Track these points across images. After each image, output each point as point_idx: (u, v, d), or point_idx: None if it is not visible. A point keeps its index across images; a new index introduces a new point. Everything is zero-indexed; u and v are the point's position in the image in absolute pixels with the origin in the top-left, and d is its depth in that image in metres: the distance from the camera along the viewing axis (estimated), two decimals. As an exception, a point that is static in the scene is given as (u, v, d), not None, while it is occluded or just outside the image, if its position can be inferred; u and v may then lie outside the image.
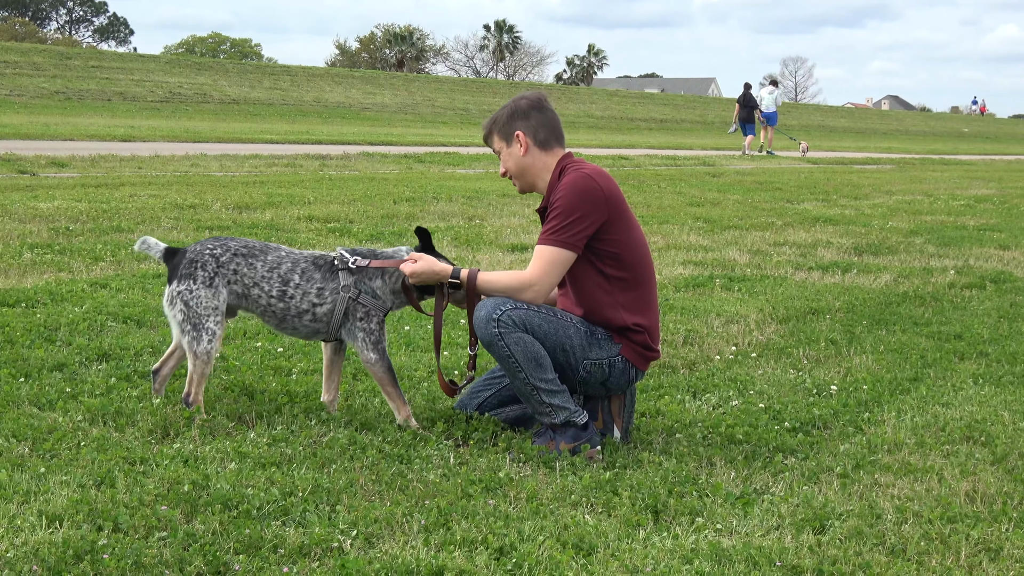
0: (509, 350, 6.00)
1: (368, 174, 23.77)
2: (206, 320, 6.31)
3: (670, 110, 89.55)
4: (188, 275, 6.32)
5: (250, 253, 6.42)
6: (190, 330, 6.31)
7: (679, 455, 6.15)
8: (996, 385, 8.01)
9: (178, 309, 6.32)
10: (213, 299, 6.32)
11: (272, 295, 6.37)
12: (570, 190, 6.09)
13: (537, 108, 6.35)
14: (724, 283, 11.88)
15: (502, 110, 6.40)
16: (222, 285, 6.35)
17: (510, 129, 6.32)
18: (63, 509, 4.87)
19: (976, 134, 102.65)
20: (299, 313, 6.39)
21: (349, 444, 5.94)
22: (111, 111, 51.05)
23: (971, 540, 5.08)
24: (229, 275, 6.37)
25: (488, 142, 6.47)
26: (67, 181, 18.63)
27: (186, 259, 6.36)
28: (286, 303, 6.37)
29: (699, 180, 27.23)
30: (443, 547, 4.78)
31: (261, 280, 6.37)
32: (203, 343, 6.32)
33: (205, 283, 6.32)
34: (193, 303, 6.29)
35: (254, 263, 6.40)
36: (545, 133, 6.32)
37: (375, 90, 74.69)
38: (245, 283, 6.38)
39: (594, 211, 6.08)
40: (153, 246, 6.47)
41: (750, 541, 4.97)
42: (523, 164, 6.33)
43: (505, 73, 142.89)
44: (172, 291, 6.35)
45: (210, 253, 6.37)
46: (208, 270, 6.33)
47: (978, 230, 18.72)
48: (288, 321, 6.44)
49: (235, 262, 6.38)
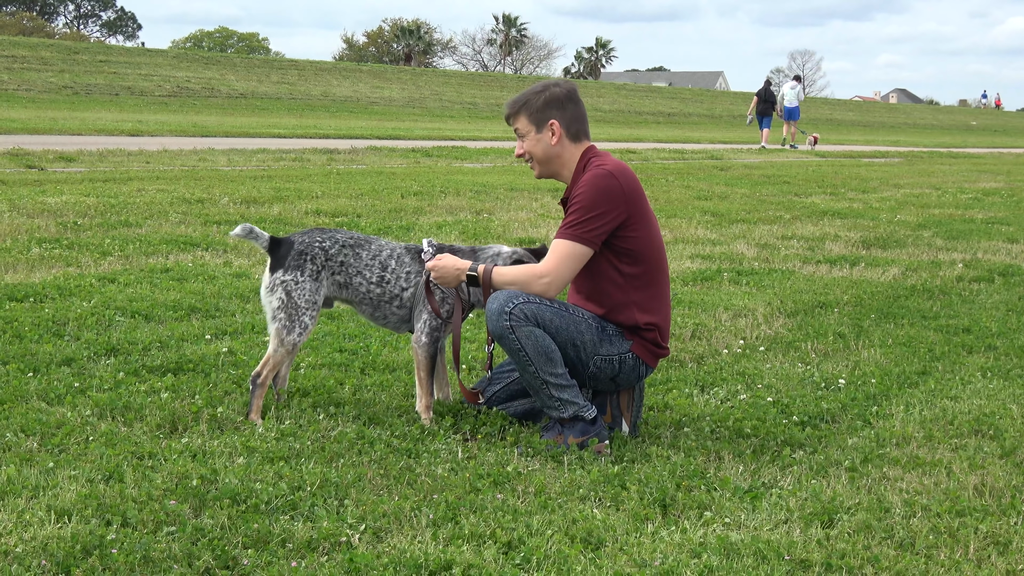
0: (520, 343, 6.00)
1: (376, 168, 23.77)
2: (303, 313, 6.38)
3: (678, 104, 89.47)
4: (296, 266, 6.39)
5: (356, 244, 6.53)
6: (284, 319, 6.38)
7: (687, 449, 6.15)
8: (1004, 378, 8.00)
9: (277, 296, 6.39)
10: (315, 293, 6.41)
11: (372, 281, 6.47)
12: (591, 187, 6.10)
13: (573, 100, 6.35)
14: (732, 277, 11.87)
15: (534, 94, 6.35)
16: (326, 278, 6.44)
17: (544, 116, 6.29)
18: (72, 504, 4.87)
19: (984, 127, 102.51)
20: (391, 298, 6.49)
21: (357, 438, 5.95)
22: (119, 106, 51.07)
23: (980, 534, 5.08)
24: (335, 267, 6.47)
25: (511, 122, 6.42)
26: (75, 176, 18.64)
27: (295, 250, 6.42)
28: (383, 288, 6.48)
29: (707, 174, 27.22)
30: (451, 541, 4.78)
31: (364, 268, 6.48)
32: (294, 334, 6.39)
33: (312, 276, 6.41)
34: (296, 294, 6.36)
35: (360, 253, 6.50)
36: (577, 126, 6.33)
37: (383, 84, 74.71)
38: (349, 272, 6.48)
39: (613, 209, 6.08)
40: (259, 235, 6.47)
41: (758, 535, 4.97)
42: (552, 153, 6.33)
43: (513, 67, 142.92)
44: (276, 279, 6.40)
45: (320, 246, 6.45)
46: (317, 263, 6.42)
47: (986, 223, 18.69)
48: (382, 307, 6.54)
49: (343, 253, 6.48)
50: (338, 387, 6.99)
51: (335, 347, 7.96)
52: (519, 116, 6.35)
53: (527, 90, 6.42)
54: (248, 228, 6.47)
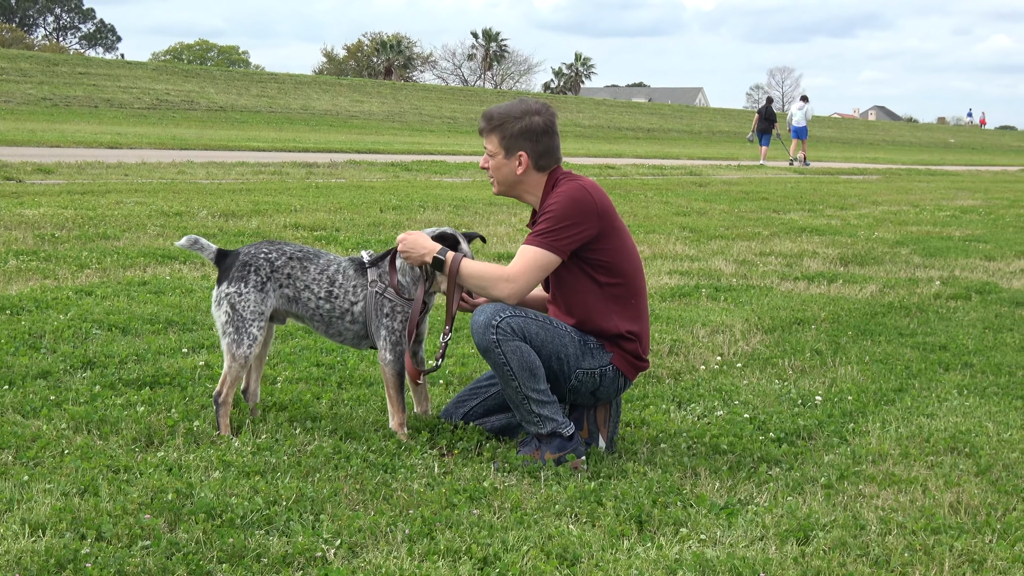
0: (505, 358, 5.99)
1: (355, 182, 23.75)
2: (250, 325, 6.32)
3: (657, 119, 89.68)
4: (240, 278, 6.33)
5: (304, 257, 6.46)
6: (232, 332, 6.32)
7: (664, 465, 6.15)
8: (981, 396, 8.02)
9: (223, 310, 6.34)
10: (260, 304, 6.35)
11: (320, 296, 6.40)
12: (565, 198, 6.09)
13: (548, 133, 6.28)
14: (710, 293, 11.89)
15: (512, 119, 6.26)
16: (272, 290, 6.39)
17: (515, 145, 6.25)
18: (46, 517, 4.85)
19: (962, 145, 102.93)
20: (342, 313, 6.42)
21: (333, 453, 5.94)
22: (98, 118, 50.98)
23: (955, 551, 5.09)
24: (282, 279, 6.40)
25: (483, 135, 6.38)
26: (53, 188, 18.59)
27: (239, 261, 6.38)
28: (332, 303, 6.41)
29: (685, 190, 27.27)
30: (427, 557, 4.78)
31: (312, 283, 6.41)
32: (243, 347, 6.33)
33: (257, 287, 6.34)
34: (240, 306, 6.31)
35: (307, 266, 6.43)
36: (546, 160, 6.30)
37: (362, 98, 74.71)
38: (297, 286, 6.42)
39: (585, 221, 6.08)
40: (205, 246, 6.45)
41: (734, 551, 4.97)
42: (513, 180, 6.32)
43: (493, 82, 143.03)
44: (221, 292, 6.36)
45: (265, 257, 6.40)
46: (262, 274, 6.36)
47: (964, 241, 18.76)
48: (334, 324, 6.47)
49: (290, 266, 6.41)
50: (315, 401, 6.98)
51: (312, 361, 7.95)
52: (492, 135, 6.31)
53: (507, 107, 6.34)
54: (193, 239, 6.45)
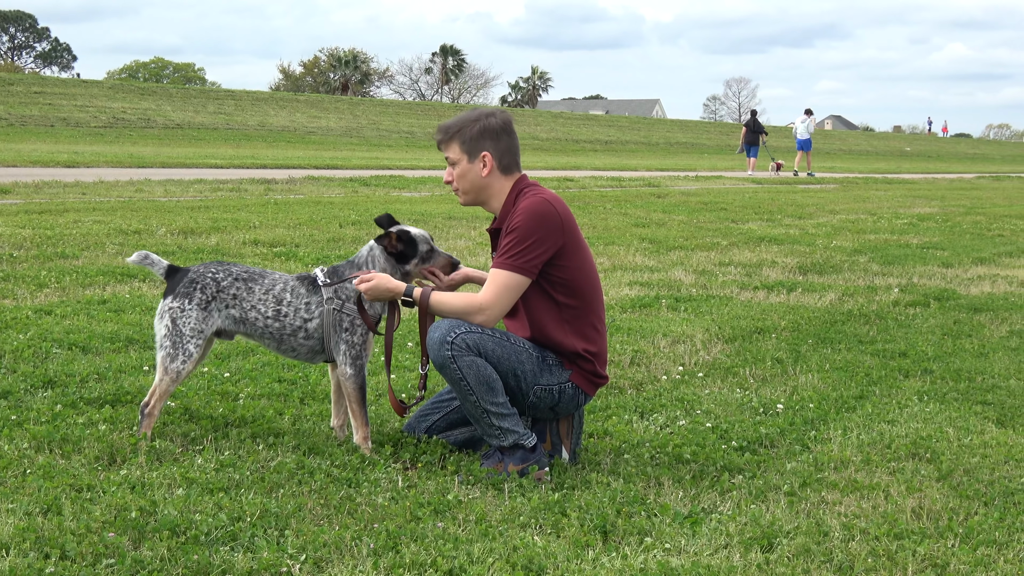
0: (461, 373, 5.99)
1: (314, 198, 23.71)
2: (187, 342, 6.32)
3: (615, 131, 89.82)
4: (185, 294, 6.33)
5: (250, 278, 6.44)
6: (168, 346, 6.32)
7: (627, 475, 6.16)
8: (941, 402, 8.07)
9: (164, 324, 6.33)
10: (202, 322, 6.34)
11: (268, 315, 6.39)
12: (528, 214, 6.08)
13: (507, 132, 6.31)
14: (670, 303, 11.92)
15: (469, 123, 6.28)
16: (217, 310, 6.37)
17: (477, 147, 6.26)
18: (9, 537, 4.83)
19: (918, 153, 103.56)
20: (294, 331, 6.40)
21: (297, 468, 5.93)
22: (54, 137, 50.70)
23: (918, 556, 5.12)
24: (228, 299, 6.39)
25: (443, 148, 6.36)
26: (10, 207, 18.48)
27: (187, 278, 6.37)
28: (281, 322, 6.39)
29: (644, 201, 27.33)
30: (392, 570, 4.77)
31: (258, 303, 6.40)
32: (177, 362, 6.32)
33: (200, 305, 6.34)
34: (181, 322, 6.30)
35: (252, 287, 6.42)
36: (509, 159, 6.30)
37: (320, 114, 74.55)
38: (244, 307, 6.40)
39: (550, 236, 6.09)
40: (156, 262, 6.44)
41: (699, 560, 4.99)
42: (481, 184, 6.31)
43: (450, 96, 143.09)
44: (164, 306, 6.35)
45: (212, 277, 6.39)
46: (207, 293, 6.35)
47: (921, 248, 18.88)
48: (286, 341, 6.45)
49: (236, 287, 6.40)
50: (277, 417, 6.97)
51: (274, 377, 7.93)
52: (451, 144, 6.31)
53: (460, 117, 6.36)
54: (144, 255, 6.46)
